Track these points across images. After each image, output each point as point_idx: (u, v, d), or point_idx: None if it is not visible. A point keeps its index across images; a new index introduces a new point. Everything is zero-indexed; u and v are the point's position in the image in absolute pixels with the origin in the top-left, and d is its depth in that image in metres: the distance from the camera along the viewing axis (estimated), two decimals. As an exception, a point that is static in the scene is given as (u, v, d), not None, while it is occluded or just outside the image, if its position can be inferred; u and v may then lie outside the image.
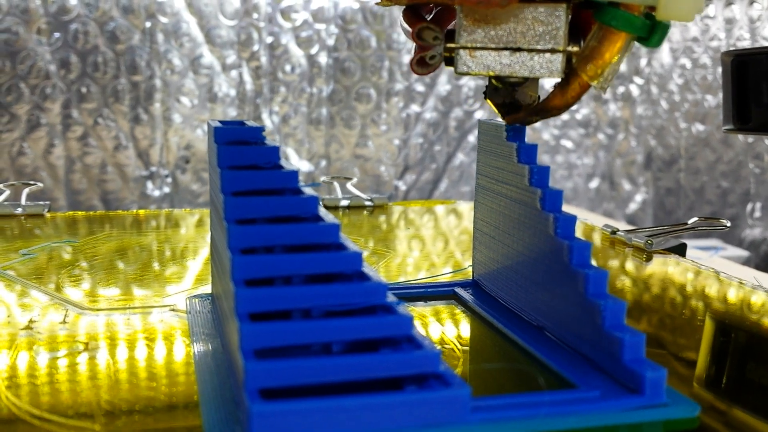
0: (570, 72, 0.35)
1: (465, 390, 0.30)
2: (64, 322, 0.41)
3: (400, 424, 0.29)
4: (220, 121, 0.40)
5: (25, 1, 1.10)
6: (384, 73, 1.27)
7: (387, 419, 0.29)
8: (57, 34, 1.13)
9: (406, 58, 1.28)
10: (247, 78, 1.22)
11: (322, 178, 0.77)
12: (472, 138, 1.32)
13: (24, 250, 0.54)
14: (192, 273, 0.52)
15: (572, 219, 0.38)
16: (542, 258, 0.39)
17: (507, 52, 0.35)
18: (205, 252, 0.58)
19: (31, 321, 0.41)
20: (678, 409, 0.31)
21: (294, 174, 0.36)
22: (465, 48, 0.35)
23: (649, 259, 0.58)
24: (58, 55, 1.14)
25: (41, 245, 0.56)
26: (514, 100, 0.40)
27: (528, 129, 0.42)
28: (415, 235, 0.66)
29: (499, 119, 0.43)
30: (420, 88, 1.29)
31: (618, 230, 0.63)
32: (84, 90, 1.15)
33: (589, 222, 0.71)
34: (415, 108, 1.30)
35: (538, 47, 0.35)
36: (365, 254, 0.59)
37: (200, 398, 0.33)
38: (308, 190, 0.35)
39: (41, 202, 0.69)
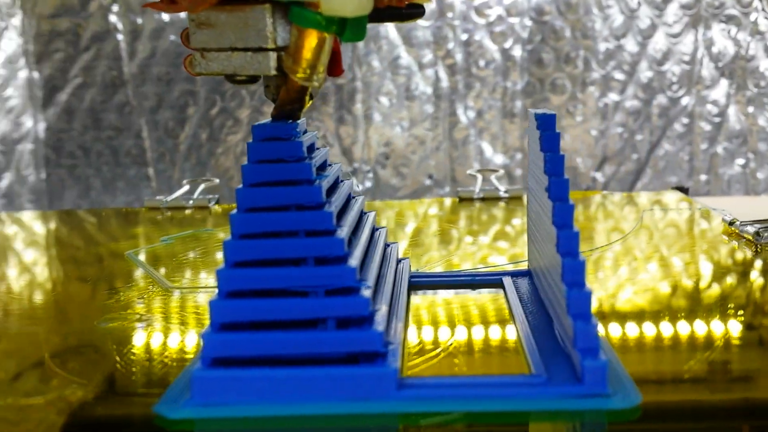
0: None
1: (391, 368, 0.32)
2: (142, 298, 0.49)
3: (329, 396, 0.32)
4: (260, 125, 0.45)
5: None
6: (579, 63, 1.25)
7: (317, 391, 0.32)
8: (271, 45, 1.26)
9: (603, 47, 1.25)
10: (443, 75, 1.27)
11: (468, 172, 0.80)
12: (678, 126, 1.26)
13: (164, 237, 0.63)
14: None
15: (569, 207, 0.38)
16: (550, 247, 0.39)
17: (229, 53, 0.37)
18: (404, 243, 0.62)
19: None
20: (612, 400, 0.31)
21: (307, 166, 0.40)
22: (197, 50, 0.37)
23: (758, 251, 0.54)
24: (272, 63, 1.26)
25: (183, 233, 0.65)
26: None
27: None
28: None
29: (537, 110, 0.44)
30: (619, 76, 1.25)
31: (737, 220, 0.59)
32: (294, 94, 1.27)
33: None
34: (613, 96, 1.26)
35: (250, 46, 0.36)
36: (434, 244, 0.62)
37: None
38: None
39: (210, 196, 0.79)
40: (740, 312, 0.44)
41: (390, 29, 1.26)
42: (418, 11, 0.41)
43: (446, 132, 1.29)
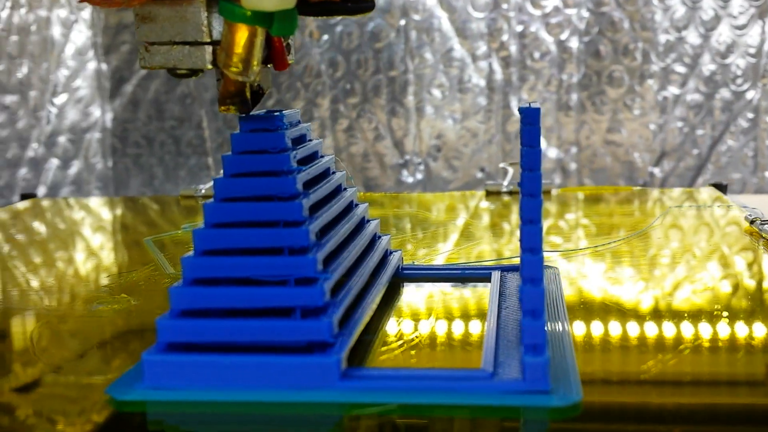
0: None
1: (334, 358, 0.33)
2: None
3: (275, 384, 0.33)
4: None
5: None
6: (638, 55, 1.22)
7: (264, 379, 0.33)
8: (325, 37, 1.27)
9: (663, 39, 1.21)
10: (497, 67, 1.25)
11: (501, 165, 0.79)
12: (742, 121, 1.21)
13: (186, 225, 0.65)
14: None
15: (537, 203, 0.37)
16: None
17: (169, 47, 0.37)
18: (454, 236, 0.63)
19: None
20: (551, 397, 0.31)
21: (286, 157, 0.40)
22: (142, 44, 0.38)
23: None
24: (327, 55, 1.27)
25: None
26: (253, 88, 0.40)
27: None
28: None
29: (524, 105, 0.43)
30: (680, 68, 1.21)
31: (758, 219, 0.57)
32: (348, 86, 1.28)
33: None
34: (673, 90, 1.22)
35: (188, 40, 0.37)
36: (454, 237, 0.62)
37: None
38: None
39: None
40: (726, 313, 0.42)
41: (443, 20, 1.25)
42: (365, 5, 0.40)
43: (499, 125, 1.27)
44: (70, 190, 1.41)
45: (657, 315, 0.42)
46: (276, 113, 0.44)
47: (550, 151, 1.26)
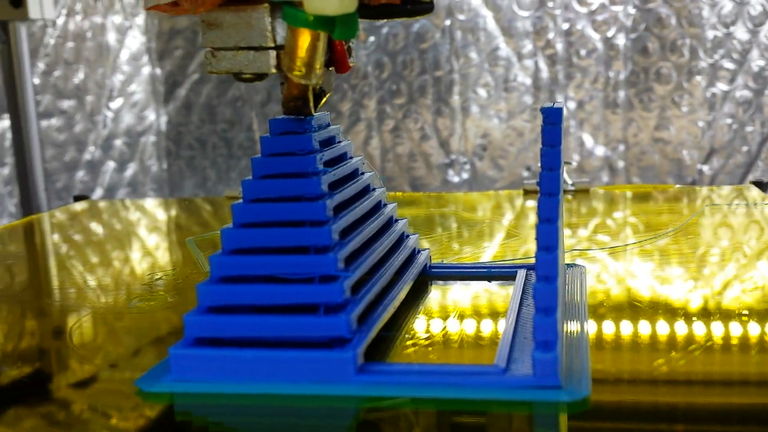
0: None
1: (350, 353, 0.34)
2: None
3: (295, 378, 0.34)
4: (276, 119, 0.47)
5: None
6: (685, 52, 1.20)
7: (284, 373, 0.34)
8: (372, 38, 1.28)
9: (710, 35, 1.19)
10: (543, 66, 1.25)
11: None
12: (795, 116, 1.19)
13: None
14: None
15: (554, 202, 0.38)
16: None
17: (234, 52, 0.38)
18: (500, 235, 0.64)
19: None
20: (560, 393, 0.32)
21: (312, 159, 0.42)
22: (208, 49, 0.39)
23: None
24: (373, 57, 1.29)
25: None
26: (315, 90, 0.41)
27: None
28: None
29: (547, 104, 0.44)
30: (728, 65, 1.19)
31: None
32: (394, 87, 1.29)
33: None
34: (722, 86, 1.20)
35: (253, 45, 0.38)
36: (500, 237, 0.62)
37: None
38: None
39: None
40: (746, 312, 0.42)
41: (489, 20, 1.25)
42: (425, 6, 0.41)
43: (545, 123, 1.27)
44: (126, 191, 1.45)
45: (674, 313, 0.42)
46: (307, 117, 0.46)
47: (597, 149, 1.26)
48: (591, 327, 0.41)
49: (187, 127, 1.44)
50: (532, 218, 0.68)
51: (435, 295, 0.47)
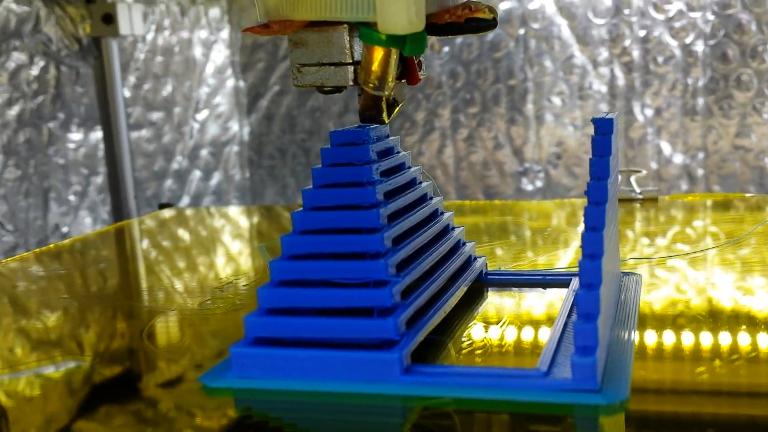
0: None
1: (396, 354, 0.36)
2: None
3: (344, 377, 0.36)
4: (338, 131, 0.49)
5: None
6: (766, 57, 1.17)
7: (334, 372, 0.36)
8: (446, 49, 1.30)
9: (794, 38, 1.16)
10: (619, 73, 1.24)
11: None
12: None
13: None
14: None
15: (600, 211, 0.39)
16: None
17: (317, 67, 0.42)
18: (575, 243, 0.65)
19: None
20: (597, 396, 0.33)
21: (368, 169, 0.44)
22: (295, 65, 0.42)
23: None
24: (447, 66, 1.31)
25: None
26: (389, 101, 0.45)
27: None
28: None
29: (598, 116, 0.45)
30: (814, 69, 1.16)
31: None
32: (468, 96, 1.31)
33: None
34: (806, 92, 1.17)
35: (333, 61, 0.41)
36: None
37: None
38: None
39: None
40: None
41: (563, 28, 1.25)
42: (488, 23, 0.43)
43: (621, 131, 1.26)
44: (211, 199, 1.51)
45: (725, 323, 0.43)
46: (364, 128, 0.48)
47: (675, 156, 1.24)
48: (640, 334, 0.41)
49: (268, 137, 1.49)
50: (634, 226, 0.68)
51: (489, 301, 0.48)
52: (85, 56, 1.18)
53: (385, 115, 0.45)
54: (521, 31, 1.27)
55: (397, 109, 0.48)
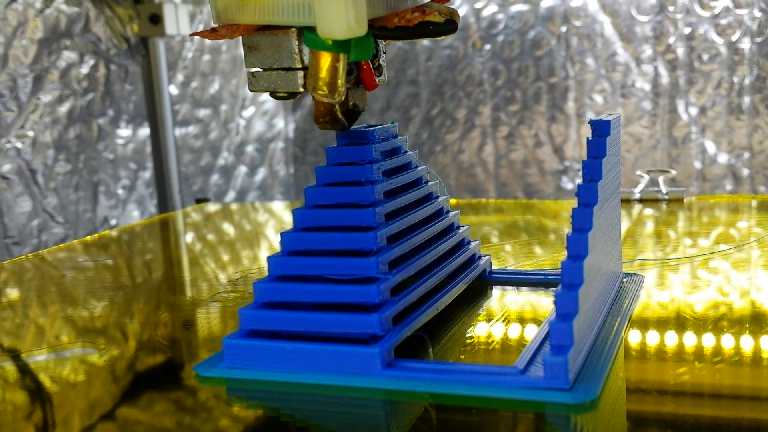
0: None
1: (377, 349, 0.37)
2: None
3: (329, 370, 0.37)
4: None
5: (464, 20, 1.30)
6: (816, 55, 1.14)
7: (320, 364, 0.38)
8: (487, 46, 1.30)
9: (844, 35, 1.13)
10: (663, 71, 1.23)
11: (637, 172, 0.79)
12: None
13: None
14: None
15: (588, 213, 0.39)
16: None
17: (269, 72, 0.41)
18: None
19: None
20: (566, 395, 0.33)
21: (369, 169, 0.45)
22: (249, 71, 0.42)
23: None
24: (489, 64, 1.31)
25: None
26: (349, 107, 0.44)
27: None
28: (633, 230, 0.65)
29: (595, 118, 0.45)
30: None
31: None
32: (509, 94, 1.30)
33: None
34: None
35: (284, 66, 0.40)
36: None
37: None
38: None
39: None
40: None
41: (606, 25, 1.24)
42: (449, 27, 0.42)
43: (665, 130, 1.24)
44: (256, 194, 1.54)
45: (714, 326, 0.43)
46: (371, 128, 0.49)
47: (720, 156, 1.22)
48: (628, 335, 0.41)
49: (312, 133, 1.51)
50: (650, 226, 0.68)
51: (489, 299, 0.49)
52: (133, 55, 1.21)
53: (344, 121, 0.44)
54: (563, 29, 1.26)
55: (359, 116, 0.47)
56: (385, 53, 0.47)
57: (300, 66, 0.41)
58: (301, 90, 0.42)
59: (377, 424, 0.35)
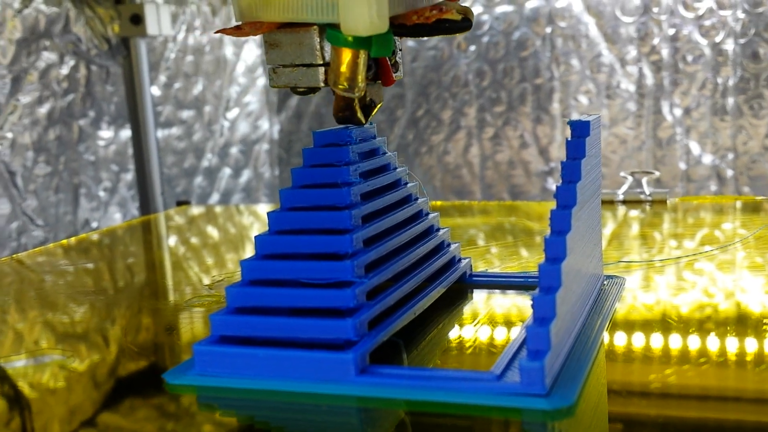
0: None
1: (351, 355, 0.36)
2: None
3: (302, 376, 0.37)
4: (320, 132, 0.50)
5: (449, 22, 1.29)
6: (800, 56, 1.14)
7: (292, 371, 0.37)
8: (472, 47, 1.30)
9: (828, 36, 1.13)
10: (647, 72, 1.22)
11: (621, 173, 0.78)
12: None
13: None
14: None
15: (567, 215, 0.39)
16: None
17: (291, 68, 0.42)
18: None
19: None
20: (543, 400, 0.32)
21: (345, 171, 0.44)
22: (270, 66, 0.42)
23: None
24: (474, 65, 1.30)
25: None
26: (365, 102, 0.45)
27: None
28: (616, 232, 0.65)
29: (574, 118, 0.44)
30: None
31: None
32: (494, 95, 1.30)
33: None
34: (840, 91, 1.14)
35: (305, 62, 0.41)
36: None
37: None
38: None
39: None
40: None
41: (591, 26, 1.24)
42: (462, 25, 0.43)
43: (649, 131, 1.24)
44: (241, 197, 1.53)
45: (696, 328, 0.42)
46: (348, 129, 0.48)
47: (704, 157, 1.22)
48: (608, 339, 0.41)
49: (297, 135, 1.50)
50: (634, 228, 0.68)
51: (468, 303, 0.48)
52: (114, 56, 1.20)
53: (361, 116, 0.45)
54: (548, 30, 1.25)
55: (376, 110, 0.48)
56: (401, 50, 0.48)
57: (321, 62, 0.42)
58: (322, 85, 0.43)
59: (351, 432, 0.34)
